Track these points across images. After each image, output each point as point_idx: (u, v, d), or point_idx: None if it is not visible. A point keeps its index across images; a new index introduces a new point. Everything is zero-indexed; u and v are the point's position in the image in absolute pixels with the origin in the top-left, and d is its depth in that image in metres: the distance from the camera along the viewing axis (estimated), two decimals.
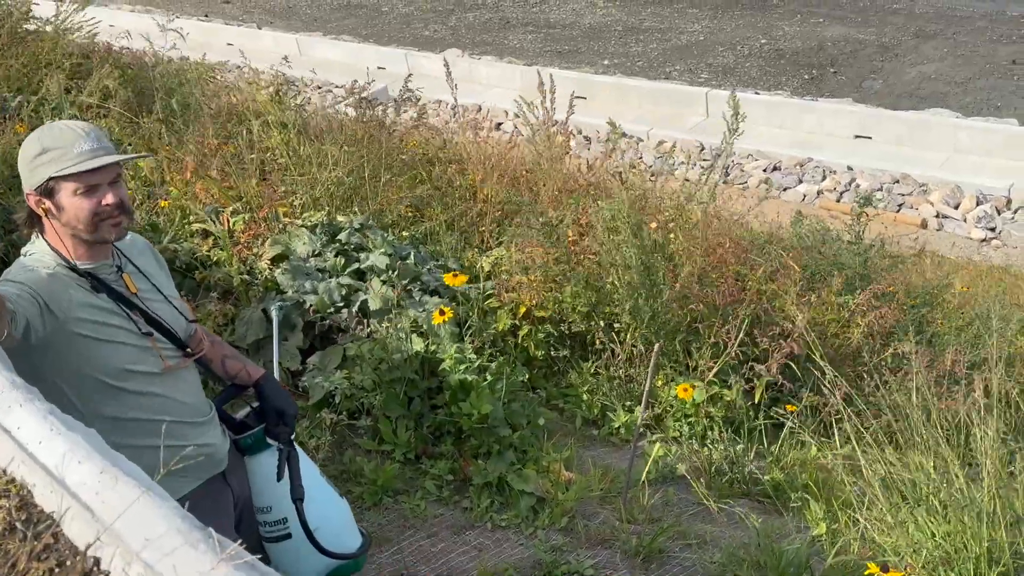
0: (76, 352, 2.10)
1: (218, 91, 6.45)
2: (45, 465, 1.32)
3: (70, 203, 2.13)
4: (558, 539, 3.54)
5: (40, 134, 2.16)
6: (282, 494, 2.45)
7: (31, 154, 2.13)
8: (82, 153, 2.12)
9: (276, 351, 2.97)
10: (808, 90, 12.93)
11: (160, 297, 2.35)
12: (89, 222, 2.14)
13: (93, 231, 2.15)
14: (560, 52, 15.32)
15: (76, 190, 2.12)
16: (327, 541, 2.46)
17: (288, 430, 2.49)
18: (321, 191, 5.15)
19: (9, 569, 1.15)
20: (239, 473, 2.49)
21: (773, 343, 4.23)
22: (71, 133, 2.14)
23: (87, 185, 2.13)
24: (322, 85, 13.16)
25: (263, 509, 2.47)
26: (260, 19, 18.58)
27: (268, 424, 2.49)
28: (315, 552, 2.44)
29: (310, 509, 2.45)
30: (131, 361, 2.20)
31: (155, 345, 2.25)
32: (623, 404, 4.50)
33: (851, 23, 15.44)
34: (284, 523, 2.44)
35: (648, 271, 4.34)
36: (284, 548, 2.45)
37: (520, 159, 6.02)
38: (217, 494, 2.38)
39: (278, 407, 2.51)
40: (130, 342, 2.20)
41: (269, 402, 2.51)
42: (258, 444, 2.48)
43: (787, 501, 3.99)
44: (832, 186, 10.47)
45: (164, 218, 4.87)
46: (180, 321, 2.39)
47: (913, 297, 5.41)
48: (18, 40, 6.35)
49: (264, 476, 2.47)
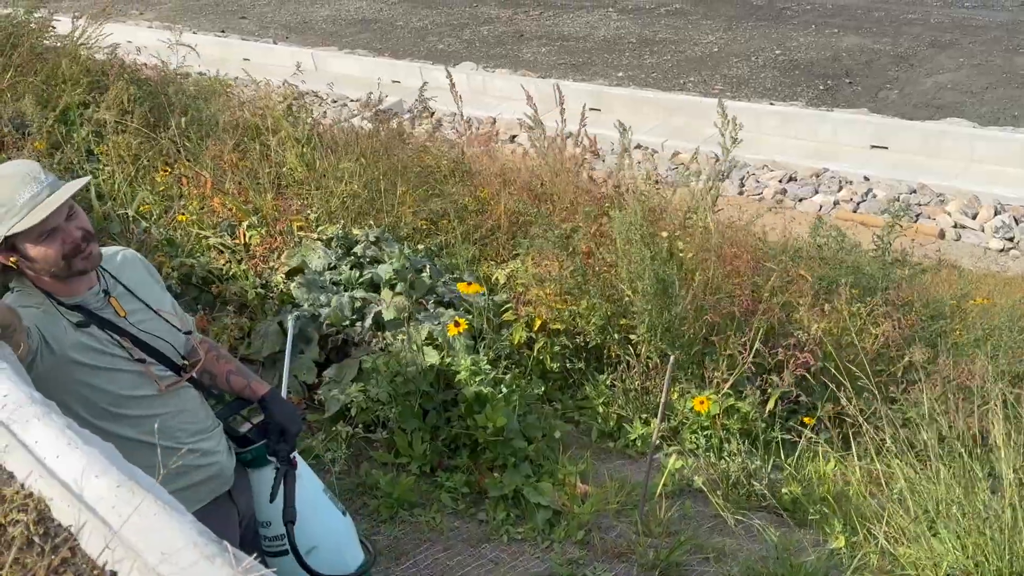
0: (76, 381, 2.10)
1: (234, 106, 6.49)
2: (63, 479, 1.32)
3: (36, 252, 2.08)
4: (574, 552, 3.52)
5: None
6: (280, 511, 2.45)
7: None
8: (25, 203, 2.04)
9: (287, 362, 2.97)
10: (823, 100, 12.89)
11: (151, 314, 2.32)
12: (61, 263, 2.10)
13: (68, 269, 2.12)
14: (574, 64, 15.34)
15: (37, 238, 2.06)
16: (326, 559, 2.45)
17: (288, 448, 2.48)
18: (336, 204, 5.17)
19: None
20: (245, 491, 2.49)
21: (788, 354, 4.21)
22: (7, 183, 2.05)
23: (45, 231, 2.06)
24: (337, 99, 13.22)
25: (263, 524, 2.49)
26: (276, 34, 18.69)
27: (270, 441, 2.48)
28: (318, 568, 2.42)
29: (309, 527, 2.45)
30: (130, 387, 2.19)
31: (148, 371, 2.24)
32: (639, 416, 4.48)
33: (866, 33, 15.40)
34: (282, 539, 2.44)
35: (661, 282, 4.32)
36: (283, 563, 2.45)
37: (534, 171, 6.02)
38: (224, 513, 2.38)
39: (281, 424, 2.49)
40: (126, 368, 2.20)
41: (273, 419, 2.50)
42: (259, 459, 2.49)
43: (805, 514, 3.97)
44: (849, 196, 10.41)
45: (181, 232, 4.90)
46: (175, 335, 2.37)
47: (931, 307, 5.38)
48: (38, 57, 6.41)
49: (265, 491, 2.47)
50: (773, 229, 6.66)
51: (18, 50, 6.33)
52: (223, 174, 5.38)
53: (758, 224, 5.54)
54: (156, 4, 21.67)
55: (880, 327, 4.43)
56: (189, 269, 4.57)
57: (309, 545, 2.43)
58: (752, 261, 4.77)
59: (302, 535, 2.42)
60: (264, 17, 20.49)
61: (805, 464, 4.30)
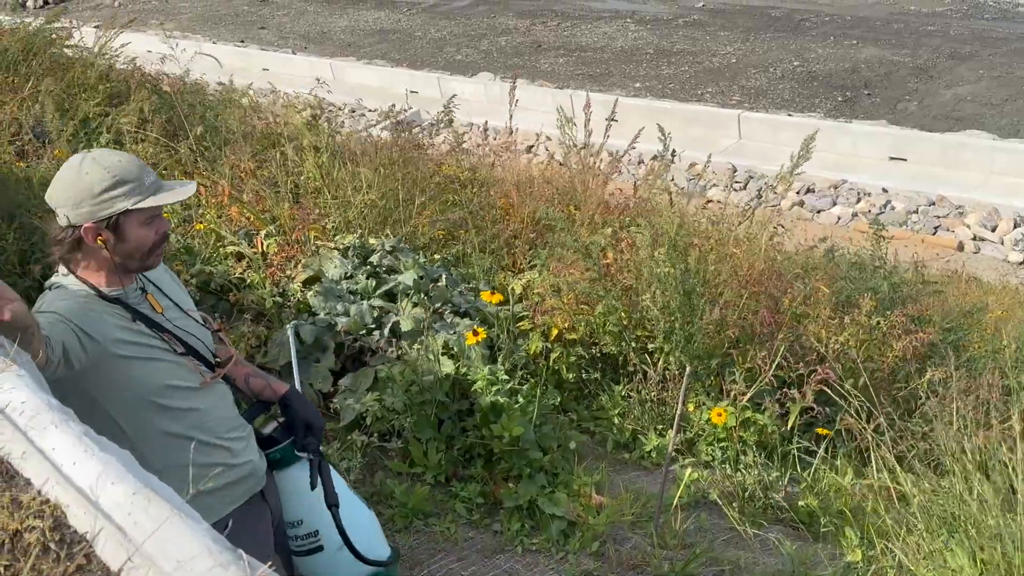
0: (121, 373, 2.12)
1: (253, 115, 6.53)
2: (79, 486, 1.33)
3: (136, 234, 2.13)
4: (589, 564, 3.51)
5: (101, 166, 2.10)
6: (313, 507, 2.47)
7: (101, 187, 2.07)
8: (152, 184, 2.13)
9: (296, 370, 2.99)
10: (842, 112, 12.85)
11: (181, 313, 2.37)
12: (147, 251, 2.17)
13: (147, 259, 2.18)
14: (592, 75, 15.36)
15: (144, 221, 2.14)
16: (360, 549, 2.47)
17: (316, 441, 2.52)
18: (354, 214, 5.19)
19: None
20: (274, 491, 2.51)
21: (807, 367, 4.19)
22: (135, 165, 2.14)
23: (152, 216, 2.15)
24: (355, 109, 13.29)
25: (294, 523, 2.49)
26: (295, 44, 18.81)
27: (296, 437, 2.51)
28: (348, 563, 2.45)
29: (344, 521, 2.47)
30: (173, 377, 2.22)
31: (191, 363, 2.28)
32: (655, 428, 4.47)
33: (885, 45, 15.35)
34: (315, 536, 2.45)
35: (688, 295, 4.31)
36: (316, 561, 2.47)
37: (552, 181, 6.02)
38: (259, 512, 2.40)
39: (306, 420, 2.53)
40: (168, 359, 2.23)
41: (297, 415, 2.53)
42: (287, 458, 2.50)
43: (821, 528, 3.94)
44: (867, 208, 10.38)
45: (199, 241, 4.92)
46: (205, 333, 2.42)
47: (948, 321, 5.34)
48: (58, 66, 6.48)
49: (293, 490, 2.49)
50: (790, 240, 6.64)
51: (38, 59, 6.39)
52: (241, 183, 5.41)
53: (778, 237, 5.52)
54: (176, 14, 21.87)
55: (899, 341, 4.40)
56: (207, 277, 4.59)
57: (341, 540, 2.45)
58: (772, 274, 4.76)
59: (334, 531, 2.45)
60: (283, 27, 20.63)
61: (822, 477, 4.27)
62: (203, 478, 2.18)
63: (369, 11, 21.03)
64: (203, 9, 22.76)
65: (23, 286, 4.54)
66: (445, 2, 21.06)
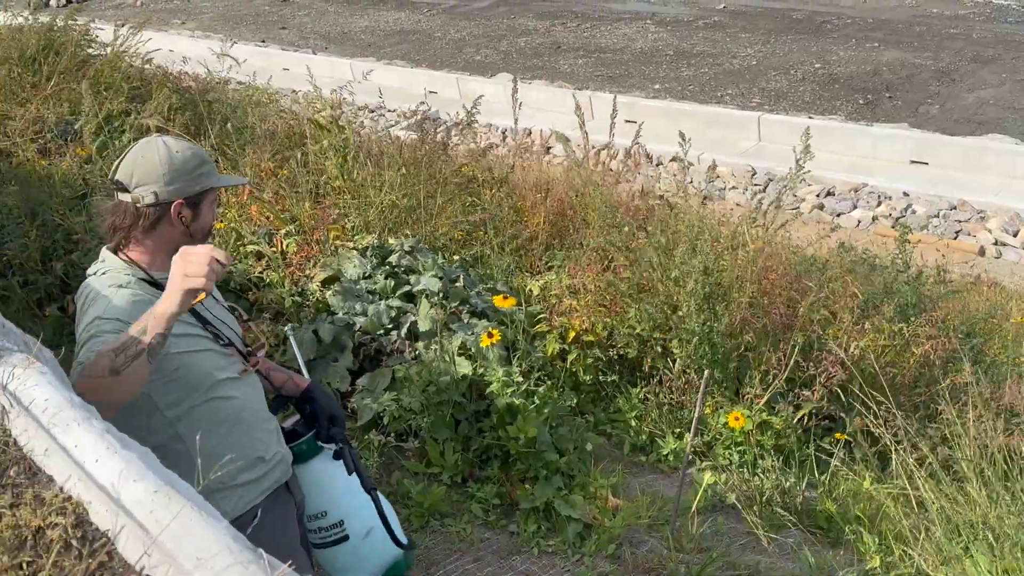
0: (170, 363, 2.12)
1: (273, 115, 6.56)
2: (101, 483, 1.34)
3: (207, 212, 2.26)
4: (605, 566, 3.51)
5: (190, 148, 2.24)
6: (336, 497, 2.49)
7: (193, 164, 2.21)
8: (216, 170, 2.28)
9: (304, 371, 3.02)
10: (863, 115, 12.77)
11: (213, 302, 2.40)
12: (208, 232, 2.28)
13: (204, 242, 2.25)
14: (611, 76, 15.33)
15: (212, 201, 2.27)
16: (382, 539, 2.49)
17: (341, 431, 2.56)
18: (373, 214, 5.20)
19: None
20: (297, 484, 2.53)
21: (820, 369, 4.17)
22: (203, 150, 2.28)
23: (216, 198, 2.29)
24: (375, 109, 13.33)
25: (317, 515, 2.50)
26: (315, 44, 18.88)
27: (320, 429, 2.53)
28: (372, 551, 2.47)
29: (365, 510, 2.50)
30: (216, 367, 2.23)
31: (235, 353, 2.32)
32: (672, 430, 4.46)
33: (907, 48, 15.26)
34: (340, 526, 2.47)
35: (708, 298, 4.30)
36: (341, 551, 2.48)
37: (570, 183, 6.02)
38: (285, 501, 2.42)
39: (329, 412, 2.57)
40: (215, 348, 2.25)
41: (320, 407, 2.57)
42: (310, 451, 2.52)
43: (840, 533, 3.92)
44: (887, 212, 10.31)
45: (219, 239, 4.95)
46: (235, 324, 2.45)
47: (969, 326, 5.30)
48: (80, 64, 6.53)
49: (315, 482, 2.50)
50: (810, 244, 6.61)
51: (61, 58, 6.45)
52: (261, 182, 5.43)
53: (794, 239, 5.50)
54: (197, 14, 21.99)
55: (919, 347, 4.37)
56: (227, 276, 4.62)
57: (367, 527, 2.47)
58: (789, 276, 4.74)
59: (359, 519, 2.48)
60: (304, 28, 20.71)
61: (840, 482, 4.25)
62: (242, 467, 2.22)
63: (389, 12, 21.08)
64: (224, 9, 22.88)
65: (44, 283, 4.59)
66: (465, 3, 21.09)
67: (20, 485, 1.37)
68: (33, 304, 4.56)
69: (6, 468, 1.40)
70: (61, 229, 4.70)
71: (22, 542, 1.26)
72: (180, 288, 1.90)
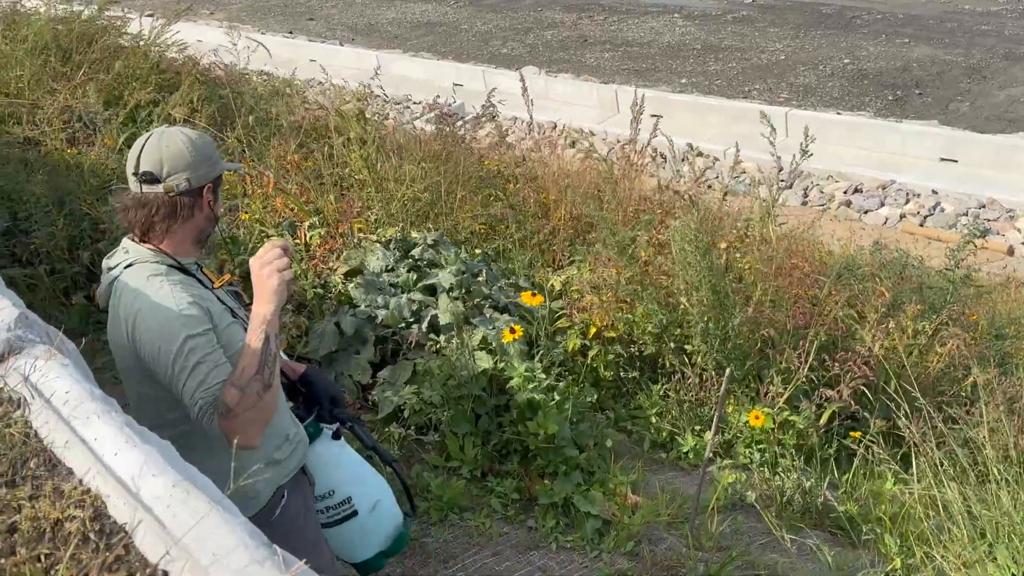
0: None
1: (299, 107, 6.58)
2: (120, 477, 1.34)
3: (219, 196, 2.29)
4: (623, 563, 3.50)
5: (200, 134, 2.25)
6: (342, 475, 2.53)
7: (211, 149, 2.24)
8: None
9: None
10: (892, 111, 12.63)
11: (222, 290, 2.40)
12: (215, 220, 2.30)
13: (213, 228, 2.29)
14: (637, 70, 15.25)
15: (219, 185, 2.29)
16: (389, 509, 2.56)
17: (344, 411, 2.60)
18: (397, 207, 5.21)
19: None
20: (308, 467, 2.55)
21: (843, 368, 4.13)
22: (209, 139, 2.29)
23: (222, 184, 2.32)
24: (400, 101, 13.34)
25: (324, 495, 2.53)
26: (342, 36, 18.91)
27: (322, 410, 2.55)
28: (378, 524, 2.53)
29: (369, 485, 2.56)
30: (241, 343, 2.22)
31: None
32: (692, 428, 4.44)
33: (938, 44, 15.07)
34: (348, 502, 2.51)
35: (718, 294, 4.27)
36: (349, 528, 2.52)
37: (593, 178, 6.00)
38: (306, 482, 2.46)
39: (329, 393, 2.59)
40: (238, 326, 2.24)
41: (321, 389, 2.58)
42: (314, 432, 2.55)
43: (860, 534, 3.89)
44: (915, 209, 10.20)
45: (244, 231, 4.97)
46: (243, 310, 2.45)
47: (997, 326, 5.24)
48: (111, 55, 6.58)
49: (320, 463, 2.53)
50: (838, 241, 6.55)
51: (91, 47, 6.50)
52: (286, 174, 5.45)
53: (821, 236, 5.45)
54: (226, 4, 22.07)
55: (945, 346, 4.33)
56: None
57: (373, 500, 2.53)
58: (812, 273, 4.70)
59: (365, 493, 2.53)
60: (331, 19, 20.73)
61: (861, 483, 4.21)
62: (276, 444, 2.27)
63: (416, 3, 21.07)
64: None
65: (71, 272, 4.63)
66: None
67: (40, 477, 1.38)
68: (60, 293, 4.61)
69: (26, 460, 1.42)
70: (88, 218, 4.75)
71: (40, 534, 1.27)
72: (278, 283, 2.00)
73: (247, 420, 1.93)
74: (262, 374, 1.95)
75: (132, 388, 2.19)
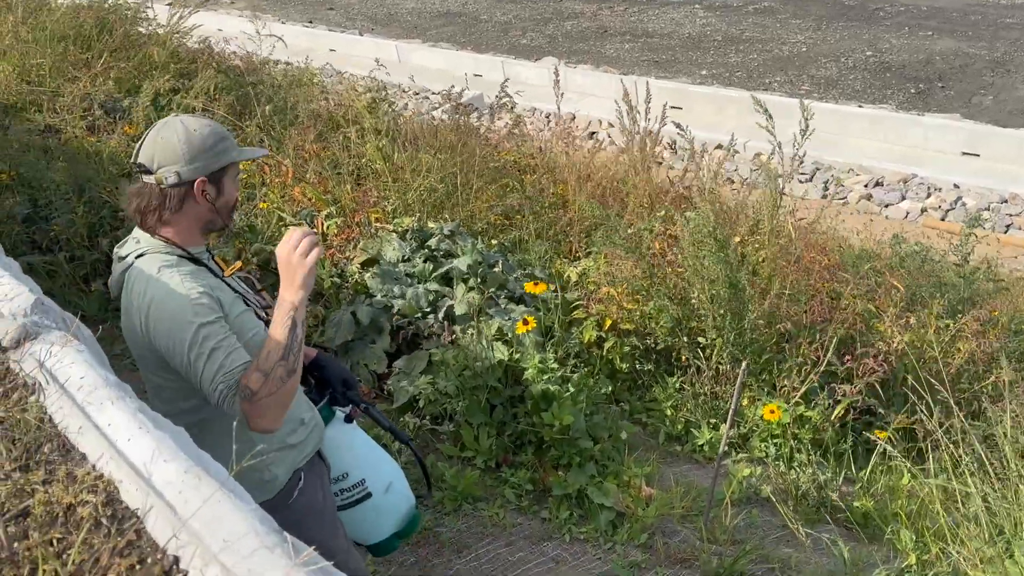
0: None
1: (317, 97, 6.59)
2: (132, 462, 1.35)
3: (230, 187, 2.22)
4: (637, 555, 3.50)
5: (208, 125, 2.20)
6: (356, 458, 2.55)
7: (212, 141, 2.17)
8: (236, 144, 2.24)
9: None
10: (914, 104, 12.53)
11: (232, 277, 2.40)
12: (232, 208, 2.25)
13: (229, 218, 2.25)
14: (657, 62, 15.19)
15: (233, 177, 2.23)
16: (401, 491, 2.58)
17: (357, 394, 2.60)
18: (413, 197, 5.21)
19: (92, 563, 1.18)
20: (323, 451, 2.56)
21: (859, 364, 4.11)
22: (221, 127, 2.23)
23: (237, 173, 2.25)
24: (419, 91, 13.33)
25: (339, 478, 2.54)
26: (362, 26, 18.92)
27: (335, 393, 2.56)
28: (393, 505, 2.55)
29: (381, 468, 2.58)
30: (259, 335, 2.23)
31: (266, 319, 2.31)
32: (708, 421, 4.43)
33: (961, 37, 14.93)
34: (362, 484, 2.53)
35: (734, 287, 4.25)
36: (364, 509, 2.54)
37: (610, 169, 5.98)
38: (322, 468, 2.46)
39: (342, 376, 2.59)
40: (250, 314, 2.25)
41: (333, 373, 2.58)
42: (327, 416, 2.56)
43: (876, 529, 3.87)
44: (937, 204, 10.13)
45: (262, 220, 4.99)
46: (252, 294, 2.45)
47: (1017, 321, 5.18)
48: (131, 43, 6.60)
49: (334, 446, 2.54)
50: (857, 235, 6.51)
51: (113, 35, 6.53)
52: (304, 163, 5.46)
53: (840, 230, 5.42)
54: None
55: (966, 343, 4.29)
56: (268, 256, 4.65)
57: (386, 482, 2.55)
58: (830, 267, 4.67)
59: (379, 475, 2.55)
60: (351, 8, 20.76)
61: (878, 478, 4.19)
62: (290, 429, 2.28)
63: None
64: None
65: (91, 259, 4.66)
66: None
67: (53, 462, 1.39)
68: (79, 280, 4.64)
69: (40, 445, 1.42)
70: (108, 206, 4.77)
71: (53, 519, 1.28)
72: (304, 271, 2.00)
73: (269, 404, 1.94)
74: (287, 360, 1.96)
75: (148, 376, 2.20)
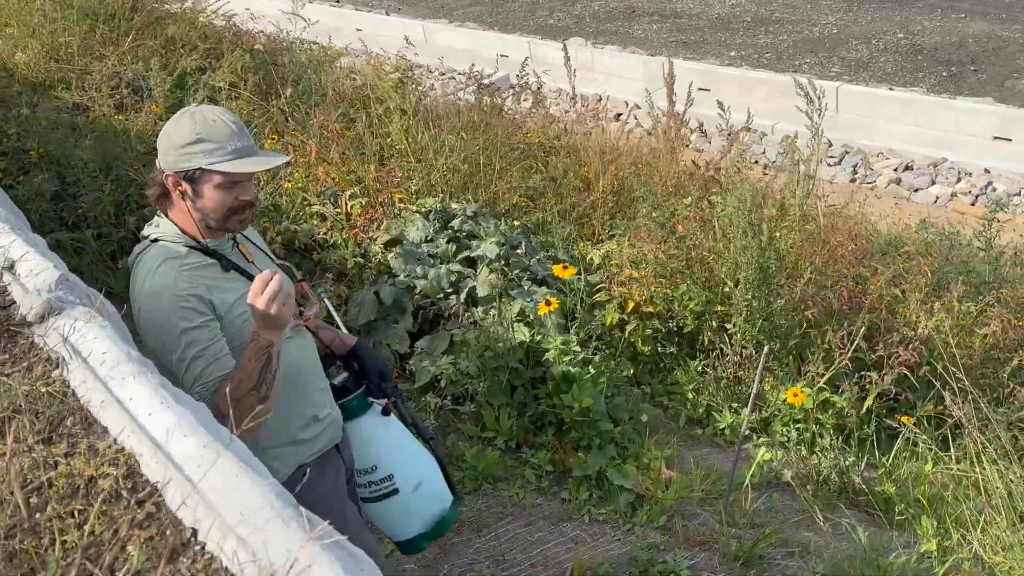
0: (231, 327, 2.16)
1: (343, 77, 6.59)
2: (153, 436, 1.37)
3: (210, 194, 2.16)
4: (656, 537, 3.50)
5: (193, 121, 2.16)
6: (387, 452, 2.53)
7: (184, 140, 2.13)
8: (236, 150, 2.15)
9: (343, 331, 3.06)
10: (946, 88, 12.36)
11: (267, 259, 2.41)
12: (222, 215, 2.18)
13: (223, 223, 2.20)
14: (686, 43, 15.07)
15: (219, 183, 2.15)
16: (431, 491, 2.54)
17: (391, 386, 2.59)
18: (437, 178, 5.22)
19: (112, 534, 1.20)
20: (346, 444, 2.56)
21: (888, 351, 4.07)
22: (225, 127, 2.16)
23: (231, 181, 2.16)
24: (445, 71, 13.29)
25: (367, 470, 2.53)
26: (389, 5, 18.89)
27: (370, 383, 2.56)
28: (422, 505, 2.52)
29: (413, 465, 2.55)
30: None
31: None
32: (729, 405, 4.42)
33: (995, 19, 14.68)
34: (390, 479, 2.51)
35: (764, 272, 4.23)
36: (390, 504, 2.52)
37: (637, 151, 5.95)
38: (337, 464, 2.46)
39: (378, 368, 2.59)
40: None
41: (369, 363, 2.59)
42: (361, 406, 2.55)
43: (897, 515, 3.85)
44: (967, 188, 10.00)
45: (286, 199, 5.02)
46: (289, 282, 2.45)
47: None
48: (157, 21, 6.63)
49: (366, 437, 2.53)
50: (886, 219, 6.44)
51: (140, 14, 6.56)
52: (328, 144, 5.48)
53: (869, 214, 5.37)
54: None
55: (990, 327, 4.24)
56: (292, 235, 4.68)
57: (415, 481, 2.52)
58: (858, 252, 4.63)
59: (409, 472, 2.52)
60: None
61: (900, 464, 4.17)
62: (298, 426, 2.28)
63: None
64: None
65: (118, 236, 4.71)
66: None
67: (76, 435, 1.41)
68: (106, 256, 4.69)
69: (63, 418, 1.45)
70: (135, 184, 4.81)
71: (74, 490, 1.30)
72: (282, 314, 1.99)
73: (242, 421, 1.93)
74: (259, 391, 1.98)
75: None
